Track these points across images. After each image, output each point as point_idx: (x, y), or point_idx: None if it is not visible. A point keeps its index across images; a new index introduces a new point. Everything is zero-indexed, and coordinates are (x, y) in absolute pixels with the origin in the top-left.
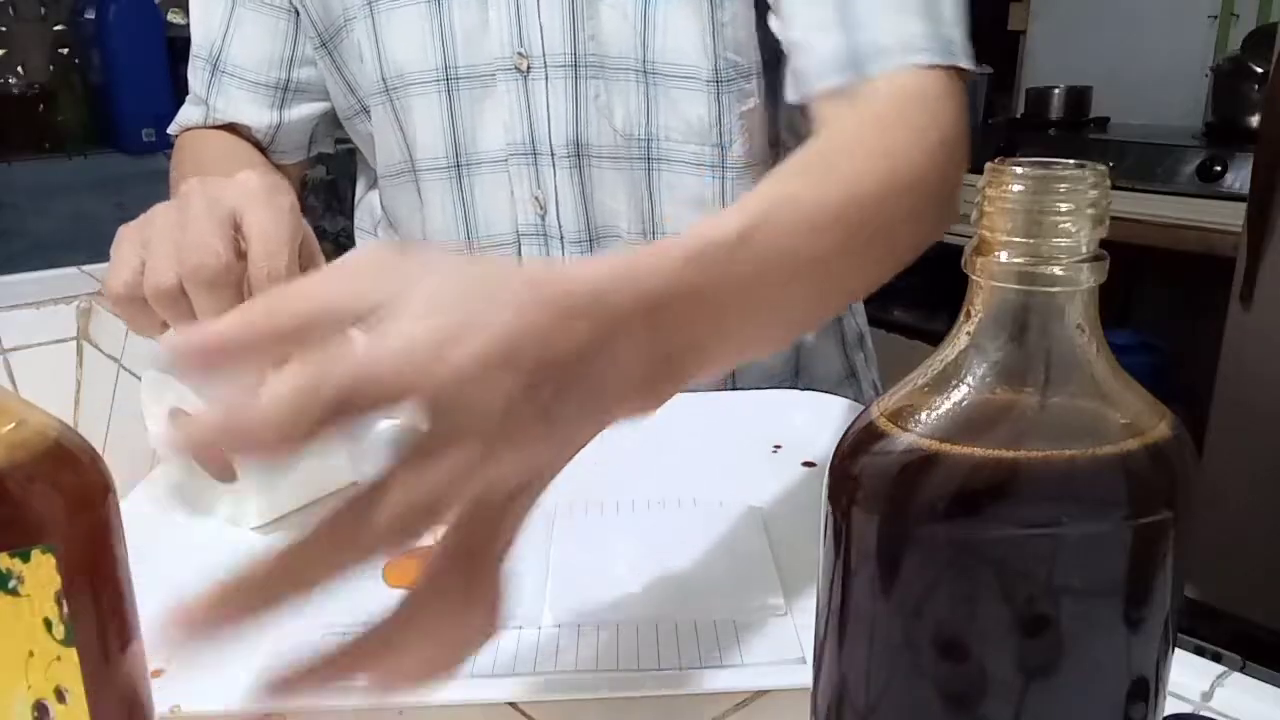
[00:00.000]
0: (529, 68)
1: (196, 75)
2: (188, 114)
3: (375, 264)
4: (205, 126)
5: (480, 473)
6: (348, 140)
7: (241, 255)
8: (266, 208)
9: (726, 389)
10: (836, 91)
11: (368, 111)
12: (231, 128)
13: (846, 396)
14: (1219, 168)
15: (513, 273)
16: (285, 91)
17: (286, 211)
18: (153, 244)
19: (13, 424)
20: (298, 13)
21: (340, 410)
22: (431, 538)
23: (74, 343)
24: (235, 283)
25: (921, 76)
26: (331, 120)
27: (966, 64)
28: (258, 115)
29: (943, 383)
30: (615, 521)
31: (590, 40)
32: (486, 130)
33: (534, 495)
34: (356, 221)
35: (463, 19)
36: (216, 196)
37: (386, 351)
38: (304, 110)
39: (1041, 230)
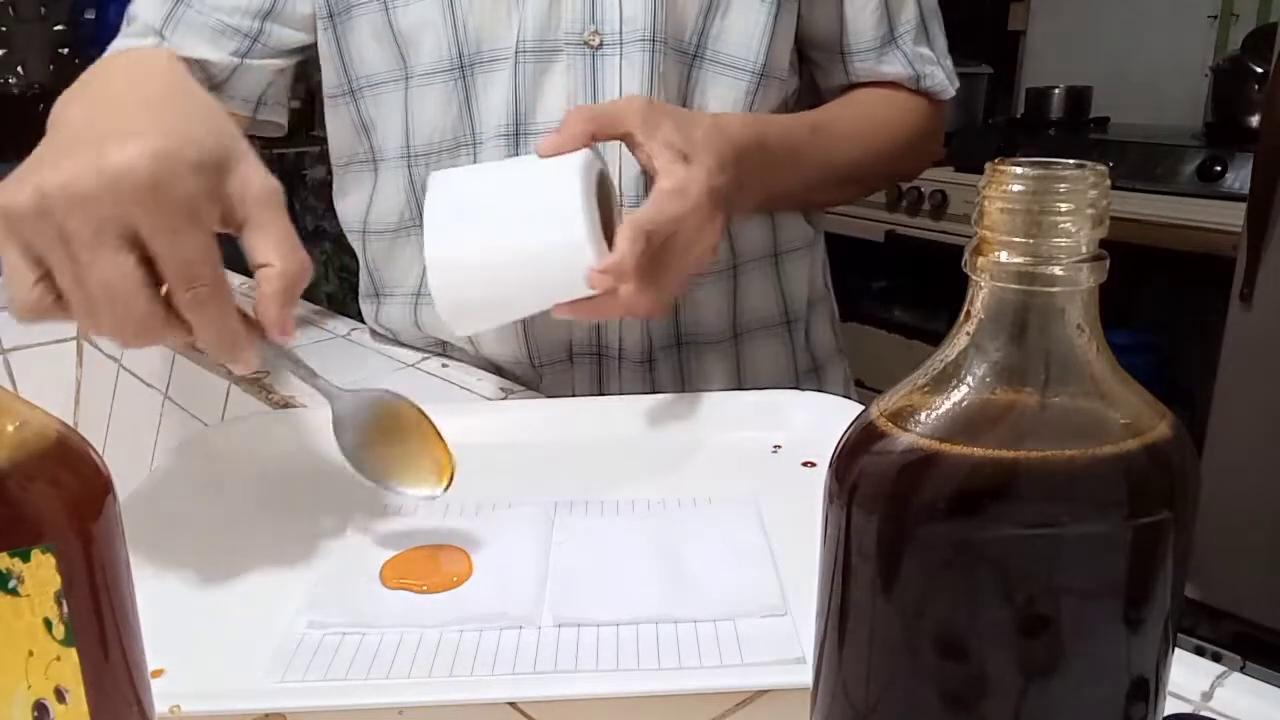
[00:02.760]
0: (601, 43)
1: (150, 5)
2: (128, 44)
3: None
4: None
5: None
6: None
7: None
8: (277, 227)
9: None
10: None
11: (353, 94)
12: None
13: (839, 368)
14: (1219, 168)
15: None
16: (254, 42)
17: (295, 240)
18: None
19: (13, 424)
20: None
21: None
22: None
23: (74, 343)
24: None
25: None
26: (284, 88)
27: (951, 94)
28: (217, 55)
29: (943, 383)
30: (615, 521)
31: (666, 19)
32: (546, 102)
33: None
34: (344, 220)
35: None
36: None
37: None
38: (265, 64)
39: (1041, 230)
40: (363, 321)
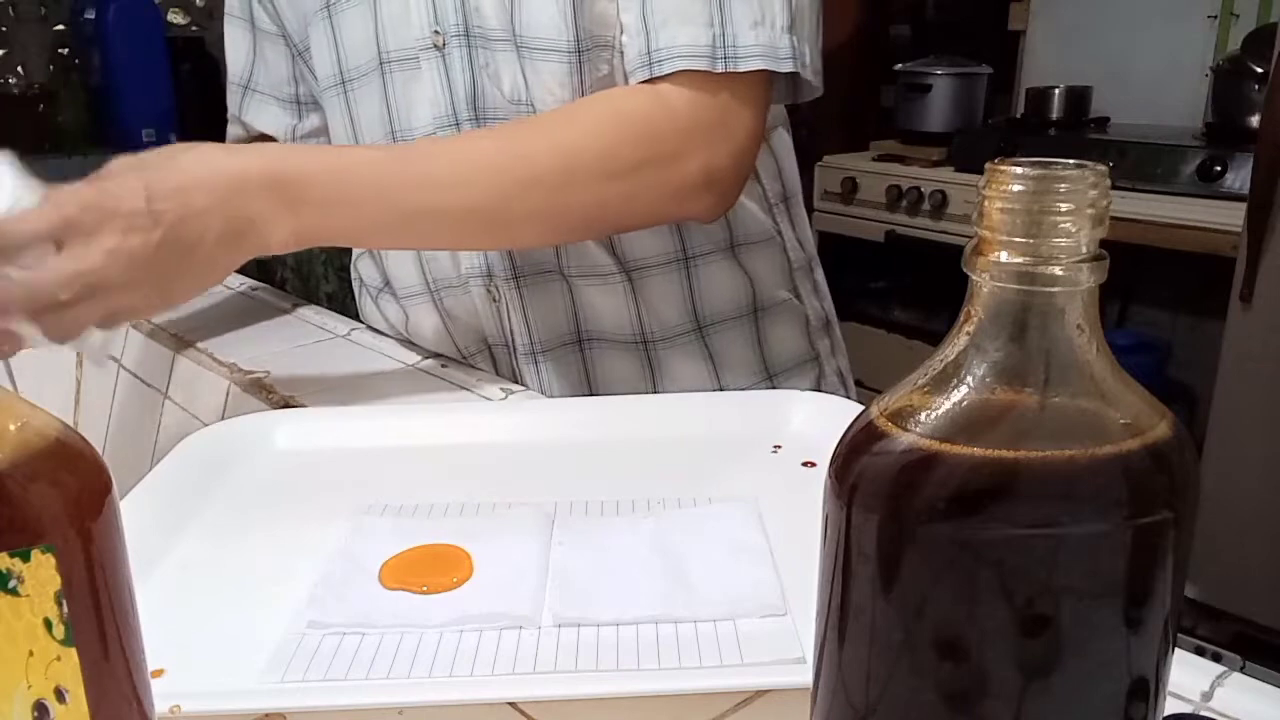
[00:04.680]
0: (445, 43)
1: (232, 99)
2: (229, 134)
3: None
4: (244, 142)
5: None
6: None
7: None
8: None
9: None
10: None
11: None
12: (262, 138)
13: (807, 379)
14: (1219, 168)
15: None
16: (299, 104)
17: None
18: None
19: (14, 424)
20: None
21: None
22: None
23: None
24: None
25: (683, 82)
26: None
27: (751, 66)
28: (282, 123)
29: (943, 383)
30: (615, 521)
31: (474, 12)
32: (415, 110)
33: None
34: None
35: (389, 4)
36: None
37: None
38: (318, 118)
39: (1041, 230)
40: (362, 321)
